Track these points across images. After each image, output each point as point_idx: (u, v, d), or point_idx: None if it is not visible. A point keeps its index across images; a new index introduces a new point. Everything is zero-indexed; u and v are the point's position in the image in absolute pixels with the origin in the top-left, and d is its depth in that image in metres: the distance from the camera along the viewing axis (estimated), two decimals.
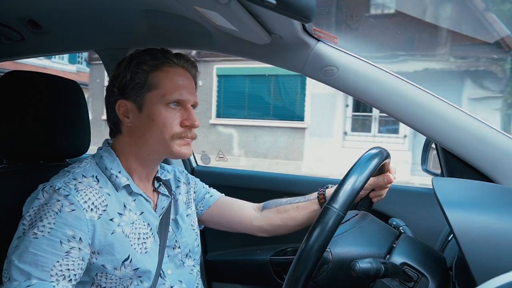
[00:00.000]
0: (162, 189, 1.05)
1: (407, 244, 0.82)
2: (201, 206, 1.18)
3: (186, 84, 0.98)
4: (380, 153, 0.85)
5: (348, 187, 0.75)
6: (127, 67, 0.96)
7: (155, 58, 0.96)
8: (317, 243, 0.70)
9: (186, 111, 0.96)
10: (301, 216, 1.10)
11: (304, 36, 1.01)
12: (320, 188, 1.10)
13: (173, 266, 1.01)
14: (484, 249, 0.62)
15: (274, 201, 1.17)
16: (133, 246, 0.90)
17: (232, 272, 1.60)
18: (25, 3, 1.11)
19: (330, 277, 0.80)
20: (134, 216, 0.93)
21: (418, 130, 1.02)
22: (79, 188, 0.86)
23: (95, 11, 1.14)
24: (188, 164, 1.73)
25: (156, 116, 0.93)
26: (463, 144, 0.98)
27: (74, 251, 0.82)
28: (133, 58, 0.97)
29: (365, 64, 1.03)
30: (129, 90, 0.95)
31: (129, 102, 0.95)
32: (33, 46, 1.37)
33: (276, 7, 0.66)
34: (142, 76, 0.94)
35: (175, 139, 0.95)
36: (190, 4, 0.88)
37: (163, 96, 0.94)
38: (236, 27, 0.94)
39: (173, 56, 0.99)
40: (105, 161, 0.95)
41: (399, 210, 1.29)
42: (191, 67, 1.01)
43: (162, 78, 0.95)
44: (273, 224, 1.13)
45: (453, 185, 0.84)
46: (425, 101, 1.00)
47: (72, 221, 0.82)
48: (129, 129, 0.97)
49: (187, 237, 1.06)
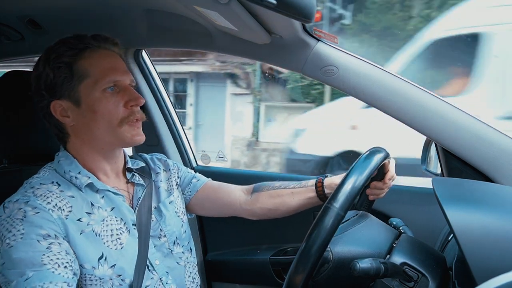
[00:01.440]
0: (137, 179, 1.01)
1: (407, 244, 0.82)
2: (189, 190, 1.14)
3: (115, 64, 0.93)
4: (379, 152, 0.85)
5: (349, 187, 0.75)
6: (46, 64, 0.89)
7: (72, 47, 0.89)
8: (317, 243, 0.70)
9: (126, 91, 0.91)
10: (295, 202, 1.07)
11: (304, 36, 1.01)
12: (319, 176, 1.07)
13: (161, 255, 0.98)
14: (484, 249, 0.62)
15: (266, 184, 1.13)
16: (106, 243, 0.88)
17: (232, 271, 1.59)
18: (25, 2, 1.11)
19: (331, 277, 0.80)
20: (104, 213, 0.90)
21: (418, 129, 1.02)
22: (37, 194, 0.84)
23: (95, 11, 1.14)
24: (188, 163, 1.73)
25: (97, 106, 0.88)
26: (463, 144, 0.98)
27: (54, 246, 0.80)
28: (48, 54, 0.90)
29: (365, 64, 1.03)
30: (58, 88, 0.88)
31: (63, 101, 0.89)
32: (33, 46, 1.37)
33: (276, 7, 0.66)
34: (66, 70, 0.88)
35: (124, 125, 0.90)
36: (190, 3, 0.88)
37: (96, 82, 0.88)
38: (236, 27, 0.94)
39: (90, 39, 0.92)
40: (63, 165, 0.92)
41: (399, 210, 1.29)
42: (113, 46, 0.95)
43: (88, 65, 0.89)
44: (265, 207, 1.10)
45: (453, 185, 0.84)
46: (425, 101, 0.99)
47: (40, 221, 0.80)
48: (73, 129, 0.92)
49: (172, 224, 1.02)
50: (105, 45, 0.93)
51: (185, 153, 1.72)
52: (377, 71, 1.02)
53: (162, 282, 0.96)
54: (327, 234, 0.71)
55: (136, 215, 0.95)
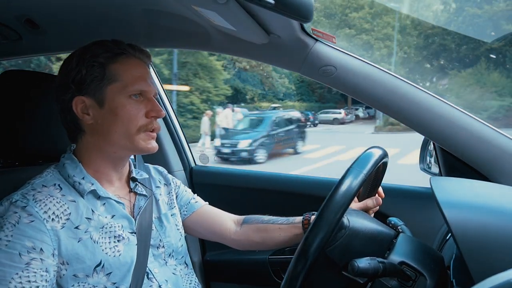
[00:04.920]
0: (139, 189, 1.03)
1: (405, 243, 0.82)
2: (185, 210, 1.15)
3: (145, 74, 0.95)
4: (379, 151, 0.85)
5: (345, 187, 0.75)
6: (80, 61, 0.91)
7: (109, 50, 0.92)
8: (339, 204, 0.72)
9: (150, 101, 0.94)
10: (282, 238, 1.08)
11: (302, 36, 1.01)
12: (306, 213, 1.07)
13: (158, 265, 0.99)
14: (482, 248, 0.62)
15: (255, 218, 1.14)
16: (105, 250, 0.88)
17: (231, 271, 1.59)
18: (22, 2, 1.11)
19: (345, 246, 0.80)
20: (104, 220, 0.90)
21: (416, 129, 1.02)
22: (37, 198, 0.84)
23: (93, 10, 1.14)
24: (187, 163, 1.73)
25: (120, 110, 0.90)
26: (461, 143, 0.98)
27: (35, 262, 0.79)
28: (85, 52, 0.92)
29: (363, 64, 1.03)
30: (87, 85, 0.90)
31: (87, 98, 0.91)
32: (31, 46, 1.36)
33: (275, 7, 0.66)
34: (99, 70, 0.90)
35: (141, 133, 0.92)
36: (188, 3, 0.88)
37: (125, 88, 0.91)
38: (234, 27, 0.94)
39: (127, 46, 0.95)
40: (67, 169, 0.92)
41: (397, 209, 1.29)
42: (146, 57, 0.99)
43: (120, 69, 0.92)
44: (252, 240, 1.12)
45: (451, 184, 0.84)
46: (423, 101, 1.00)
47: (31, 232, 0.80)
48: (90, 127, 0.93)
49: (172, 237, 1.04)
50: (140, 55, 0.97)
51: (183, 154, 1.73)
52: (376, 70, 1.02)
53: None
54: (351, 194, 0.73)
55: (136, 224, 0.96)
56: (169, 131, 1.69)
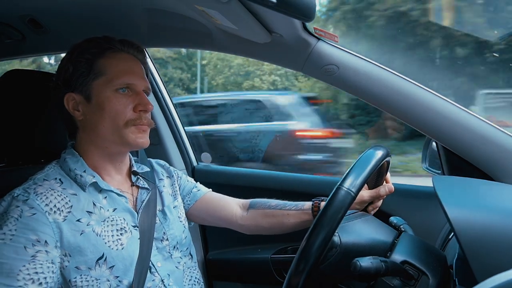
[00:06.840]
0: (141, 182, 1.03)
1: (407, 243, 0.82)
2: (188, 199, 1.16)
3: (134, 68, 0.95)
4: (381, 150, 0.85)
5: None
6: (69, 59, 0.92)
7: (97, 45, 0.93)
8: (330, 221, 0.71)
9: (138, 95, 0.93)
10: (290, 224, 1.08)
11: (304, 35, 1.00)
12: (315, 200, 1.07)
13: (162, 258, 0.99)
14: (485, 247, 0.62)
15: (262, 202, 1.14)
16: (108, 243, 0.88)
17: (233, 271, 1.60)
18: (26, 2, 1.12)
19: (338, 263, 0.80)
20: (106, 213, 0.91)
21: (419, 128, 1.02)
22: (38, 191, 0.85)
23: (96, 10, 1.14)
24: (189, 162, 1.73)
25: (106, 104, 0.90)
26: (464, 142, 0.98)
27: (41, 254, 0.80)
28: (74, 49, 0.93)
29: (366, 63, 1.03)
30: (74, 81, 0.91)
31: (76, 94, 0.92)
32: (34, 45, 1.37)
33: (277, 6, 0.66)
34: (85, 65, 0.91)
35: (130, 127, 0.92)
36: (191, 2, 0.88)
37: (110, 81, 0.91)
38: (236, 26, 0.94)
39: (116, 42, 0.95)
40: (69, 163, 0.93)
41: (399, 208, 1.29)
42: (137, 52, 0.98)
43: (107, 64, 0.92)
44: (259, 225, 1.12)
45: (453, 183, 0.84)
46: (426, 99, 0.99)
47: (34, 225, 0.81)
48: (82, 123, 0.94)
49: (175, 229, 1.04)
50: (129, 50, 0.97)
51: (185, 152, 1.73)
52: (378, 69, 1.02)
53: (164, 284, 0.96)
54: (340, 212, 0.72)
55: (139, 217, 0.96)
56: (171, 130, 1.69)
